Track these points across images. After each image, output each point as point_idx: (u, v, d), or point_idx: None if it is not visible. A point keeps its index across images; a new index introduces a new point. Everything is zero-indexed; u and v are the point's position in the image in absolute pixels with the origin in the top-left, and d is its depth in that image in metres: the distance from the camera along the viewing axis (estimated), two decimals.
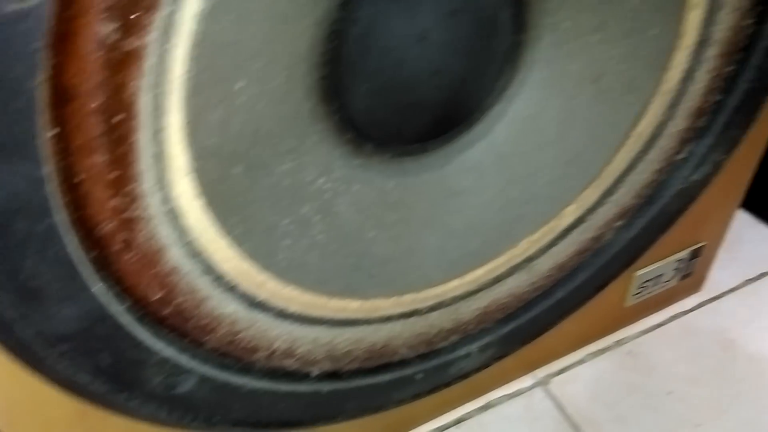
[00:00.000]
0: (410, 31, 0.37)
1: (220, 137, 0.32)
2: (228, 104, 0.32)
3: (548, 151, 0.47)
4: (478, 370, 0.56)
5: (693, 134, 0.47)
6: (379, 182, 0.44)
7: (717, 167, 0.51)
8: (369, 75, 0.38)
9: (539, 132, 0.46)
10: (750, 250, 0.76)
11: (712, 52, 0.43)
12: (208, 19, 0.27)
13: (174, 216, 0.32)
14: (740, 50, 0.44)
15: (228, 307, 0.38)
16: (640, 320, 0.68)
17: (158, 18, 0.25)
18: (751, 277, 0.73)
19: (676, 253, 0.61)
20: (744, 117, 0.48)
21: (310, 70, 0.36)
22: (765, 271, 0.74)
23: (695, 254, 0.63)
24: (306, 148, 0.39)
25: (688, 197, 0.52)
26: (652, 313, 0.68)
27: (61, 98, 0.24)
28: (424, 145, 0.44)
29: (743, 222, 0.79)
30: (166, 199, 0.31)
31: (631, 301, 0.64)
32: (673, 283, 0.65)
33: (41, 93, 0.24)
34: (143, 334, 0.35)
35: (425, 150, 0.45)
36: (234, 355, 0.40)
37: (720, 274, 0.72)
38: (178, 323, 0.36)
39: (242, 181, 0.35)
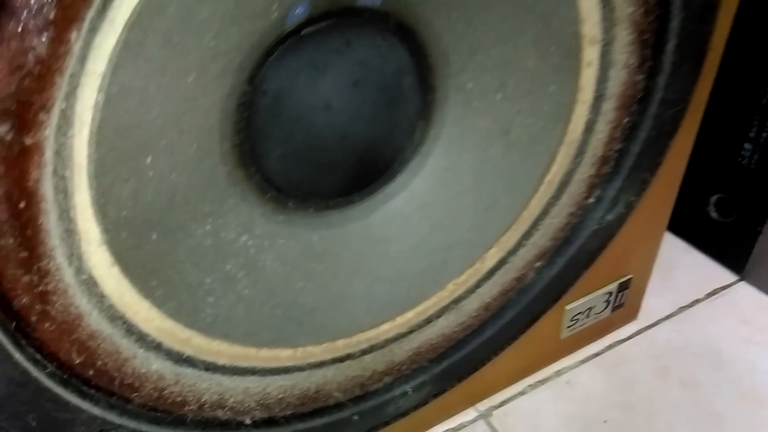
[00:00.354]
0: (316, 102, 0.39)
1: (132, 209, 0.34)
2: (138, 178, 0.34)
3: (467, 200, 0.49)
4: (416, 407, 0.58)
5: (600, 180, 0.50)
6: (304, 236, 0.46)
7: (629, 207, 0.54)
8: (281, 141, 0.41)
9: (457, 182, 0.49)
10: (684, 276, 0.79)
11: (609, 106, 0.46)
12: (106, 108, 0.29)
13: (91, 284, 0.35)
14: (636, 102, 0.47)
15: (153, 365, 0.40)
16: (578, 351, 0.70)
17: (53, 115, 0.27)
18: (685, 304, 0.76)
19: (603, 286, 0.64)
20: (649, 161, 0.51)
21: (222, 139, 0.38)
22: (698, 297, 0.77)
23: (624, 286, 0.66)
24: (226, 209, 0.41)
25: (605, 236, 0.55)
26: (588, 344, 0.71)
27: None
28: (346, 199, 0.47)
29: (677, 249, 0.82)
30: (81, 270, 0.33)
31: (566, 334, 0.66)
32: (606, 314, 0.68)
33: None
34: (69, 396, 0.37)
35: (348, 203, 0.47)
36: (163, 409, 0.42)
37: (655, 302, 0.75)
38: (104, 383, 0.38)
39: (159, 246, 0.38)
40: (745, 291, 0.78)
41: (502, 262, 0.53)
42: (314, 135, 0.41)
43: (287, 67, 0.38)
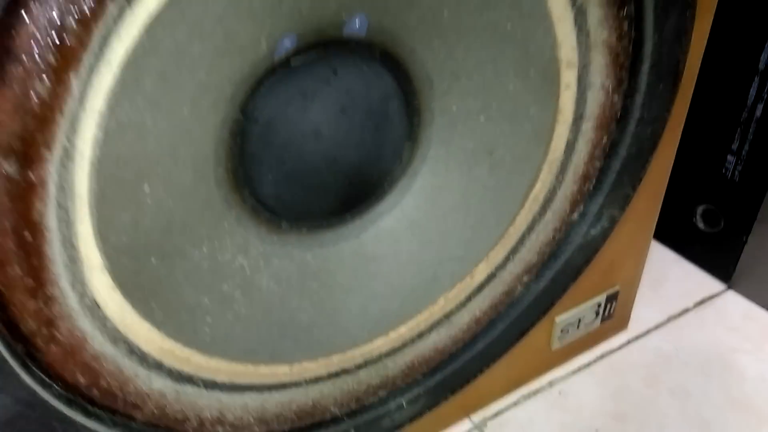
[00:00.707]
0: (305, 128, 0.41)
1: (132, 235, 0.36)
2: (136, 206, 0.36)
3: (455, 217, 0.51)
4: (411, 420, 0.60)
5: (583, 196, 0.52)
6: (298, 255, 0.48)
7: (613, 222, 0.56)
8: (274, 165, 0.42)
9: (445, 201, 0.50)
10: (673, 286, 0.81)
11: (589, 125, 0.48)
12: (105, 143, 0.31)
13: (93, 308, 0.36)
14: (615, 121, 0.49)
15: (154, 384, 0.42)
16: (570, 361, 0.72)
17: (55, 150, 0.29)
18: (674, 314, 0.78)
19: (592, 298, 0.65)
20: (630, 177, 0.53)
21: (217, 165, 0.40)
22: (687, 306, 0.79)
23: (612, 297, 0.68)
24: (222, 232, 0.43)
25: (590, 250, 0.57)
26: (580, 354, 0.72)
27: None
28: (338, 218, 0.48)
29: (666, 258, 0.84)
30: (84, 295, 0.35)
31: (557, 344, 0.68)
32: (596, 325, 0.69)
33: None
34: (74, 415, 0.39)
35: (340, 222, 0.49)
36: (164, 426, 0.43)
37: (645, 312, 0.77)
38: (108, 402, 0.40)
39: (158, 270, 0.39)
40: (733, 299, 0.80)
41: (490, 277, 0.55)
42: (305, 159, 0.42)
43: (277, 96, 0.40)
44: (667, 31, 0.45)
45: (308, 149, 0.42)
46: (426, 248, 0.52)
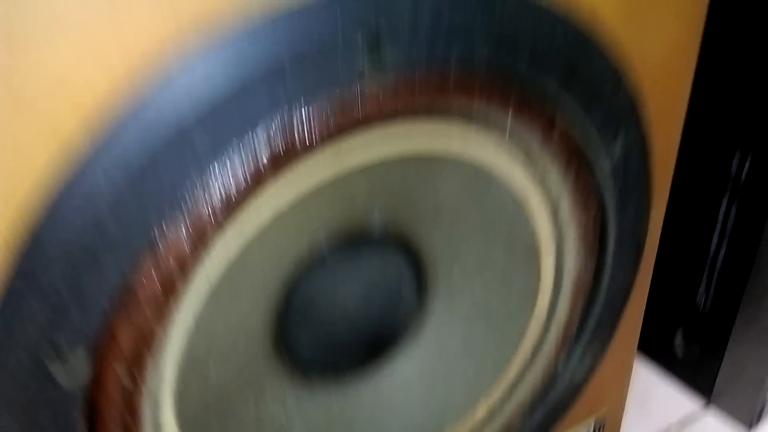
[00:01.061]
0: (336, 302, 0.50)
1: (198, 405, 0.45)
2: (203, 382, 0.44)
3: (458, 364, 0.60)
4: None
5: (567, 341, 0.61)
6: (325, 402, 0.56)
7: (595, 360, 0.64)
8: (309, 334, 0.51)
9: (449, 351, 0.59)
10: (657, 403, 0.88)
11: (568, 285, 0.57)
12: (188, 345, 0.40)
13: None
14: (590, 280, 0.58)
15: None
16: None
17: (154, 358, 0.38)
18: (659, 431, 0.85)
19: (580, 425, 0.73)
20: (608, 322, 0.62)
21: (263, 336, 0.49)
22: (671, 424, 0.86)
23: (600, 422, 0.75)
24: (265, 390, 0.51)
25: (577, 385, 0.65)
26: None
27: (93, 417, 0.37)
28: (359, 368, 0.57)
29: (651, 376, 0.92)
30: None
31: None
32: None
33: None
34: None
35: (361, 372, 0.57)
36: None
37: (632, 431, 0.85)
38: None
39: (216, 427, 0.48)
40: (714, 417, 0.87)
41: (490, 414, 0.63)
42: (334, 325, 0.52)
43: (313, 281, 0.49)
44: (627, 214, 0.55)
45: (337, 317, 0.51)
46: (433, 389, 0.60)
